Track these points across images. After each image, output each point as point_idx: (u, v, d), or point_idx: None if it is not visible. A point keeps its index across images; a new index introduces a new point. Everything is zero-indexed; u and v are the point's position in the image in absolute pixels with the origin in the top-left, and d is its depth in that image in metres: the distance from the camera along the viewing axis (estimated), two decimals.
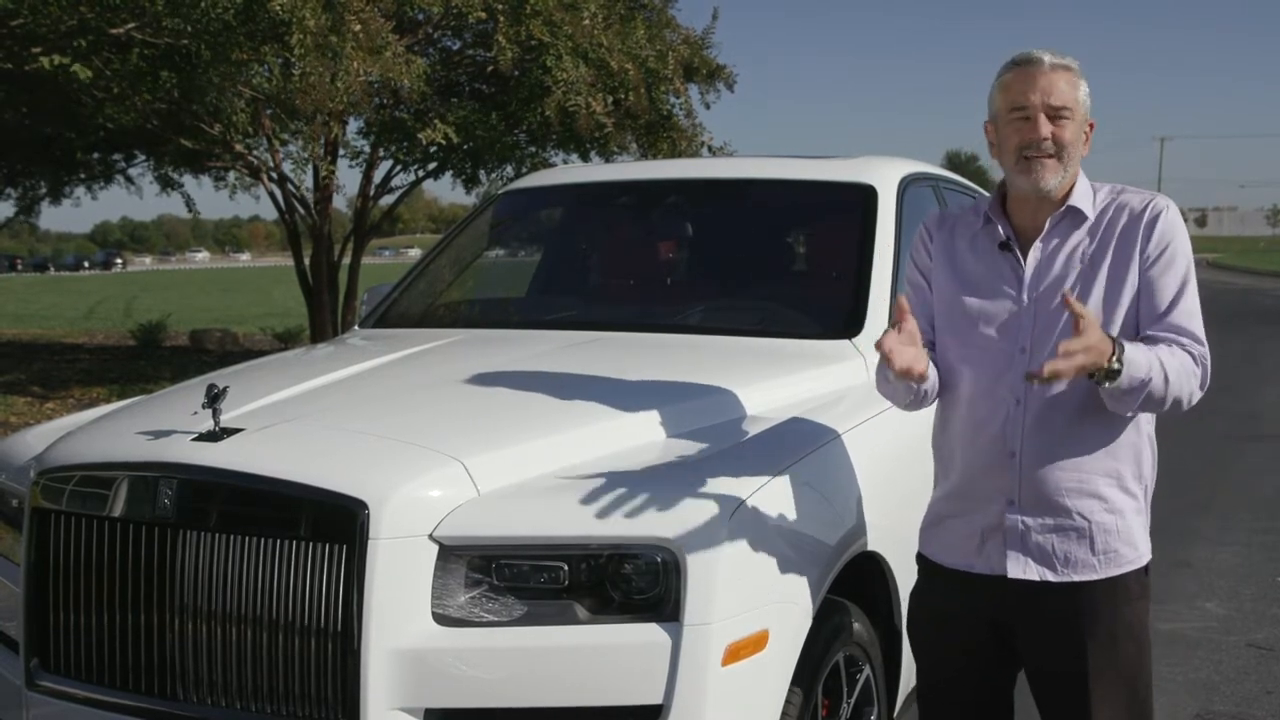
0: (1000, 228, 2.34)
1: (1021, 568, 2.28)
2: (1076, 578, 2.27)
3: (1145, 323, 2.24)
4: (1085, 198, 2.31)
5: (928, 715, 2.53)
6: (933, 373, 2.35)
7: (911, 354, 2.19)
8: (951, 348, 2.39)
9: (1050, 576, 2.27)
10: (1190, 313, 2.24)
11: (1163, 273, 2.24)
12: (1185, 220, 2.34)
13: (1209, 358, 2.23)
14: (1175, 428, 9.26)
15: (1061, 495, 2.26)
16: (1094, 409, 2.24)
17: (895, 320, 2.23)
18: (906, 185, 3.85)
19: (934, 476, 2.49)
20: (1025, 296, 2.28)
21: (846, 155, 4.27)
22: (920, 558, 2.51)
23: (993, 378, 2.30)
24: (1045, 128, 2.22)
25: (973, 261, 2.38)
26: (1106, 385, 2.10)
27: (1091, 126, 2.31)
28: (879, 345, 2.17)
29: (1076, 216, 2.30)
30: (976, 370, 2.33)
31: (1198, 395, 2.22)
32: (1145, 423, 2.34)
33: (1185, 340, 2.21)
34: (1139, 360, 2.11)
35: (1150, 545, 2.36)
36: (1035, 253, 2.30)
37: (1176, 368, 2.17)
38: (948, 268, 2.41)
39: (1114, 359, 2.06)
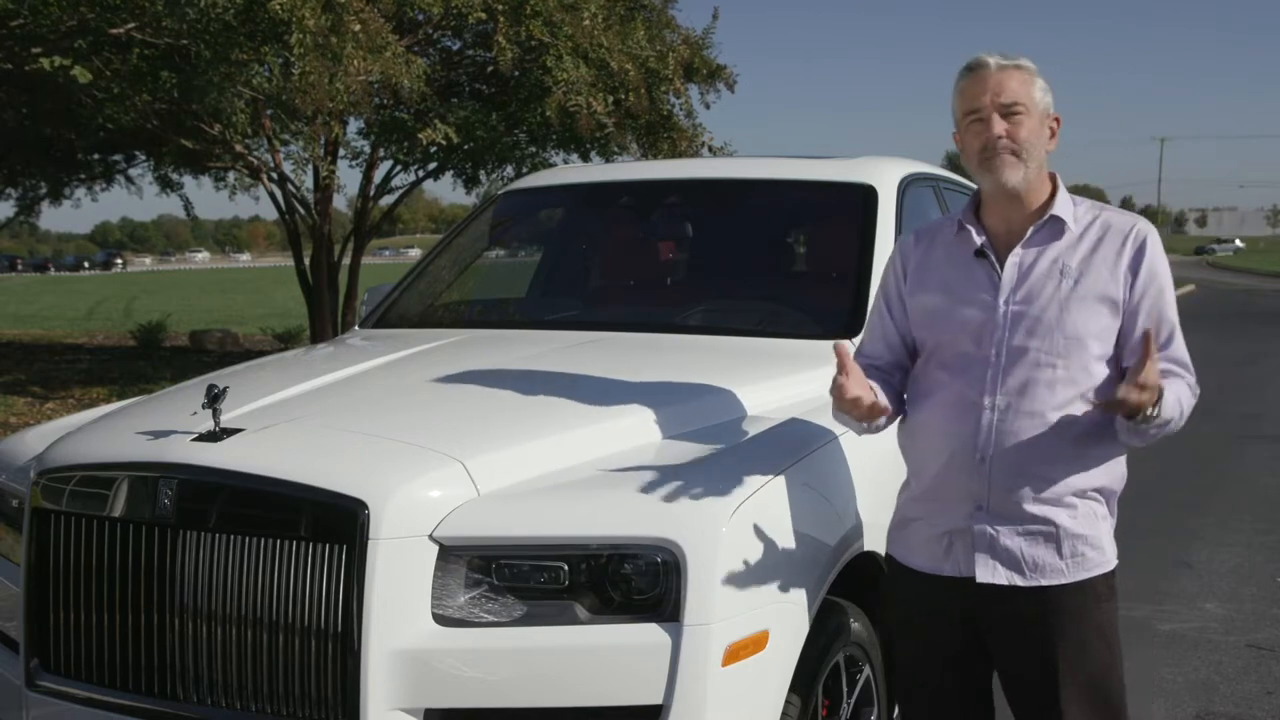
0: (974, 234, 2.36)
1: (990, 572, 2.30)
2: (1045, 582, 2.29)
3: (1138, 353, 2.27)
4: (1066, 209, 2.33)
5: (908, 715, 2.54)
6: (885, 401, 2.37)
7: (859, 390, 2.26)
8: (926, 353, 2.41)
9: (1019, 581, 2.29)
10: (1182, 344, 2.33)
11: (1155, 304, 2.29)
12: (1185, 220, 2.36)
13: (1197, 388, 2.33)
14: None
15: (1030, 502, 2.28)
16: (1063, 416, 2.26)
17: (839, 367, 2.26)
18: (907, 185, 3.85)
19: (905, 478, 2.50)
20: (1001, 303, 2.30)
21: (846, 155, 4.27)
22: (888, 559, 2.52)
23: (965, 383, 2.31)
24: (999, 126, 2.26)
25: (948, 269, 2.40)
26: (1143, 426, 2.17)
27: (1058, 121, 2.34)
28: (834, 386, 2.25)
29: (1058, 226, 2.32)
30: (950, 375, 2.34)
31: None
32: (1117, 430, 2.35)
33: (1182, 371, 2.30)
34: (1170, 400, 2.19)
35: (1116, 549, 2.38)
36: (1015, 258, 2.32)
37: (1188, 401, 2.27)
38: (925, 279, 2.43)
39: (1158, 404, 2.14)
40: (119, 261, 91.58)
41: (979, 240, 2.34)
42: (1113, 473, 2.34)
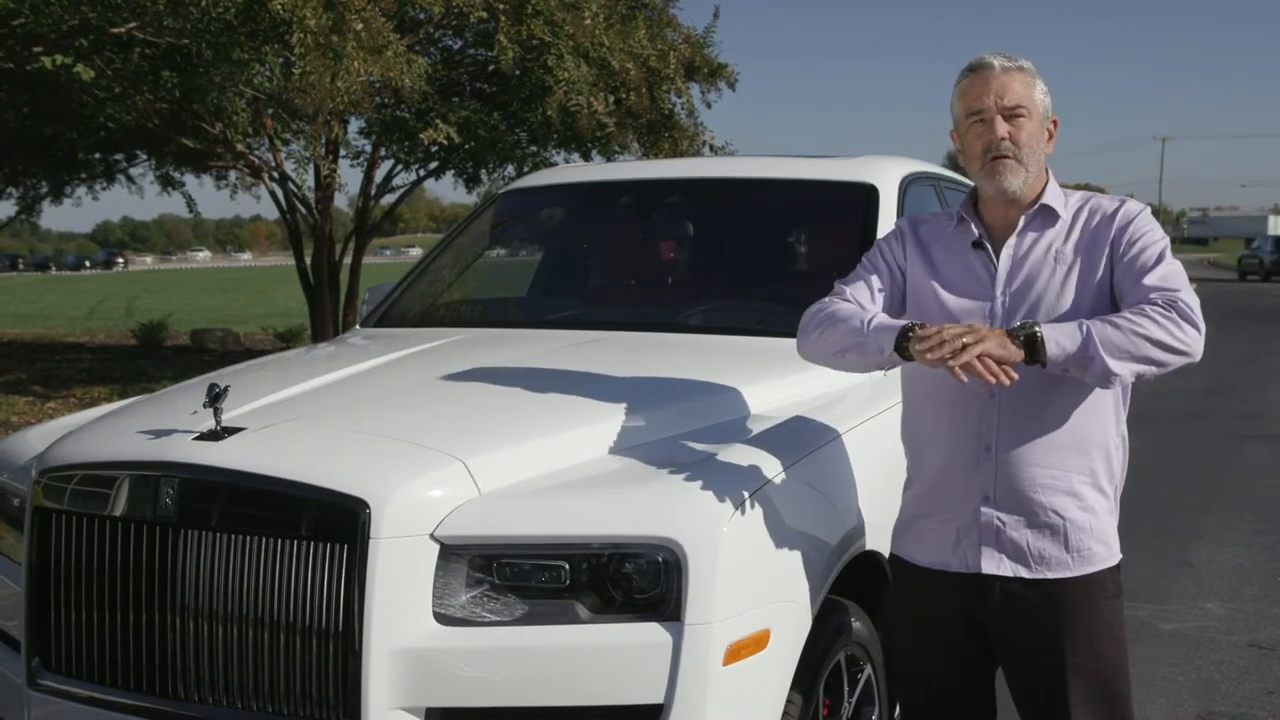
0: (973, 226, 2.39)
1: (996, 564, 2.31)
2: (1051, 575, 2.30)
3: (1122, 302, 2.24)
4: (1057, 198, 2.36)
5: (910, 715, 2.54)
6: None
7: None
8: None
9: (1024, 573, 2.30)
10: (1165, 275, 2.21)
11: (1136, 255, 2.25)
12: (1186, 220, 2.36)
13: (1190, 301, 2.16)
14: (1175, 428, 9.25)
15: (1036, 491, 2.29)
16: (1066, 404, 2.27)
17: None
18: (908, 184, 3.85)
19: (907, 476, 2.50)
20: (997, 293, 2.32)
21: (848, 154, 4.27)
22: (894, 559, 2.53)
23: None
24: (1002, 128, 2.27)
25: (946, 261, 2.42)
26: (1046, 362, 2.12)
27: (1055, 123, 2.36)
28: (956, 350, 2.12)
29: (1049, 215, 2.34)
30: None
31: (1194, 337, 2.14)
32: (1118, 421, 2.37)
33: (1154, 295, 2.17)
34: (1061, 330, 2.12)
35: (1119, 545, 2.38)
36: (1008, 249, 2.34)
37: (1134, 320, 2.12)
38: (923, 267, 2.44)
39: (1019, 335, 2.10)
40: (120, 261, 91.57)
41: (977, 232, 2.38)
42: (1114, 463, 2.36)
